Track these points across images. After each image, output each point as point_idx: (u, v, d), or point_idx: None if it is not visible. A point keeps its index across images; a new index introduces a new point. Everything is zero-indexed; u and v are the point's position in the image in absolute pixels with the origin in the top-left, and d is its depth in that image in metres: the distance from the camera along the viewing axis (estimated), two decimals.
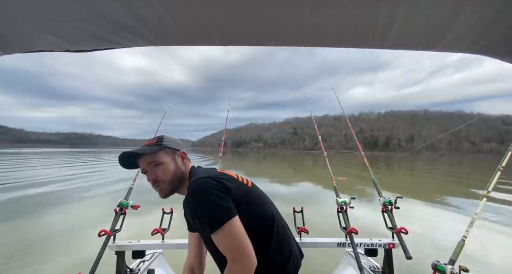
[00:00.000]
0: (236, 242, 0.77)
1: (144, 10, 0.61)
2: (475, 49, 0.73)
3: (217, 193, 0.80)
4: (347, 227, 1.63)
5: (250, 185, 0.95)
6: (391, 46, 0.74)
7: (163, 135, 1.00)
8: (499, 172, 1.38)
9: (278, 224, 0.94)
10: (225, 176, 0.90)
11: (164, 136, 0.99)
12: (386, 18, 0.62)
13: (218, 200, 0.79)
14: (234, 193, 0.84)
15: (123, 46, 0.77)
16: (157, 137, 0.99)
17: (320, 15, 0.61)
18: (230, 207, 0.80)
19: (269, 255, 0.88)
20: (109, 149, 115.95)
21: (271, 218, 0.92)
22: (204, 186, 0.81)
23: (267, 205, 0.96)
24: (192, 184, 0.83)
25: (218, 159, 2.39)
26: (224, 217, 0.78)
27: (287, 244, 0.95)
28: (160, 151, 0.93)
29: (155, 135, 1.01)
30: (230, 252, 0.78)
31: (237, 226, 0.78)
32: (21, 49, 0.77)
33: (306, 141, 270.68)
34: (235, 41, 0.74)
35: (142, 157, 0.92)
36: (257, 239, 0.85)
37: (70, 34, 0.71)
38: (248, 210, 0.85)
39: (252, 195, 0.92)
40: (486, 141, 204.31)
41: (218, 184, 0.82)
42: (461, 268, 1.16)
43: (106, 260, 1.46)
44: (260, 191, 0.99)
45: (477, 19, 0.60)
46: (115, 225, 1.60)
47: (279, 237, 0.92)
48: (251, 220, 0.85)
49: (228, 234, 0.77)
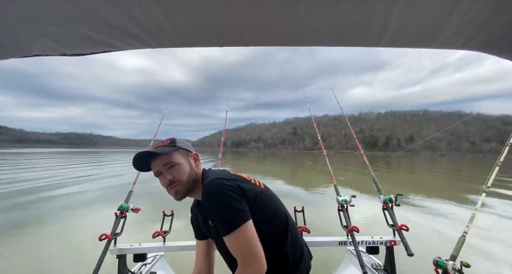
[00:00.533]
0: (248, 246, 0.77)
1: (140, 13, 0.61)
2: (471, 46, 0.73)
3: (232, 194, 0.80)
4: (348, 226, 1.63)
5: (263, 186, 0.96)
6: (388, 44, 0.74)
7: (175, 137, 0.99)
8: (498, 167, 1.40)
9: (291, 225, 0.94)
10: (238, 178, 0.90)
11: (176, 138, 0.98)
12: (382, 16, 0.62)
13: (234, 202, 0.79)
14: (248, 194, 0.84)
15: (120, 49, 0.77)
16: (170, 138, 0.98)
17: (316, 15, 0.62)
18: (245, 210, 0.80)
19: (283, 255, 0.89)
20: (111, 149, 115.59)
21: (285, 219, 0.92)
22: (220, 187, 0.81)
23: (281, 206, 0.96)
24: (208, 185, 0.83)
25: (218, 159, 2.37)
26: (239, 220, 0.78)
27: (299, 245, 0.96)
28: (175, 152, 0.92)
29: (155, 136, 1.00)
30: (242, 255, 0.78)
31: (250, 230, 0.79)
32: (17, 54, 0.76)
33: (306, 141, 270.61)
34: (233, 42, 0.74)
35: (157, 157, 0.90)
36: (271, 240, 0.86)
37: (66, 38, 0.70)
38: (262, 212, 0.86)
39: (266, 196, 0.92)
40: (485, 140, 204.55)
41: (233, 185, 0.82)
42: (463, 263, 1.16)
43: (107, 264, 1.45)
44: (272, 193, 0.99)
45: (473, 16, 0.60)
46: (115, 228, 1.59)
47: (292, 238, 0.92)
48: (265, 221, 0.85)
49: (241, 238, 0.77)
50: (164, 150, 0.91)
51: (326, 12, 0.61)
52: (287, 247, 0.89)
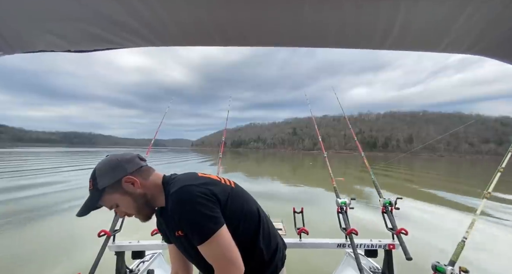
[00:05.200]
0: (224, 252, 0.77)
1: (144, 11, 0.61)
2: (475, 50, 0.73)
3: (204, 202, 0.76)
4: (347, 228, 1.63)
5: (233, 185, 0.95)
6: (391, 47, 0.74)
7: (94, 171, 0.81)
8: (499, 173, 1.39)
9: (263, 218, 0.95)
10: (208, 181, 0.86)
11: (96, 171, 0.81)
12: (387, 19, 0.62)
13: (206, 210, 0.76)
14: (220, 197, 0.82)
15: (124, 47, 0.77)
16: (91, 177, 0.81)
17: (320, 16, 0.62)
18: (218, 216, 0.78)
19: (258, 249, 0.89)
20: (112, 148, 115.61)
21: (256, 213, 0.93)
22: (190, 195, 0.77)
23: (251, 201, 0.96)
24: (176, 193, 0.78)
25: (218, 159, 2.38)
26: (213, 227, 0.76)
27: (273, 236, 0.97)
28: (102, 197, 0.80)
29: (155, 135, 0.98)
30: (218, 261, 0.78)
31: (225, 235, 0.77)
32: (21, 49, 0.77)
33: (305, 141, 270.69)
34: (235, 42, 0.75)
35: (92, 210, 0.82)
36: (246, 236, 0.87)
37: (71, 34, 0.71)
38: (234, 210, 0.85)
39: (236, 194, 0.91)
40: (484, 142, 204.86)
41: (204, 191, 0.79)
42: (461, 269, 1.16)
43: (105, 261, 1.45)
44: (242, 189, 0.98)
45: (477, 21, 0.61)
46: (114, 225, 1.60)
47: (265, 230, 0.93)
48: (238, 218, 0.86)
49: (216, 245, 0.76)
50: (87, 205, 0.80)
51: (330, 14, 0.61)
52: (260, 240, 0.89)
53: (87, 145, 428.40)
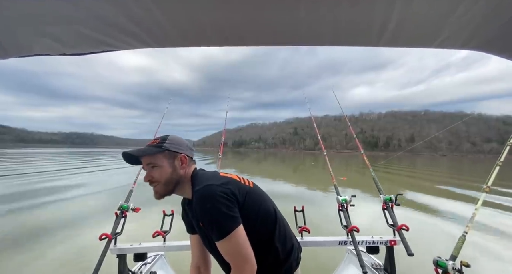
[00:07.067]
0: (239, 250, 0.82)
1: (140, 12, 0.61)
2: (471, 46, 0.73)
3: (224, 201, 0.83)
4: (348, 225, 1.63)
5: (251, 185, 1.00)
6: (388, 44, 0.75)
7: (168, 135, 0.98)
8: (498, 167, 1.40)
9: (279, 218, 0.99)
10: (229, 180, 0.92)
11: (169, 137, 0.98)
12: (382, 15, 0.62)
13: (226, 209, 0.82)
14: (239, 197, 0.88)
15: (120, 49, 0.77)
16: (162, 137, 0.98)
17: (316, 14, 0.62)
18: (236, 216, 0.84)
19: (274, 247, 0.94)
20: (116, 149, 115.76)
21: (273, 213, 0.98)
22: (212, 194, 0.83)
23: (268, 201, 1.01)
24: (200, 191, 0.85)
25: (218, 159, 2.35)
26: (230, 226, 0.82)
27: (288, 237, 1.01)
28: (158, 153, 0.93)
29: (155, 136, 1.01)
30: (234, 258, 0.83)
31: (241, 235, 0.83)
32: (16, 54, 0.76)
33: (306, 141, 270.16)
34: (232, 42, 0.75)
35: (141, 156, 0.93)
36: (262, 234, 0.92)
37: (66, 37, 0.70)
38: (252, 209, 0.91)
39: (254, 194, 0.96)
40: (486, 141, 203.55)
41: (225, 191, 0.85)
42: (463, 263, 1.17)
43: (108, 264, 1.45)
44: (261, 190, 1.04)
45: (473, 15, 0.61)
46: (116, 228, 1.59)
47: (281, 231, 0.98)
48: (255, 218, 0.91)
49: (233, 243, 0.82)
50: (145, 152, 0.92)
51: (326, 12, 0.61)
52: (276, 240, 0.94)
53: (89, 145, 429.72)
